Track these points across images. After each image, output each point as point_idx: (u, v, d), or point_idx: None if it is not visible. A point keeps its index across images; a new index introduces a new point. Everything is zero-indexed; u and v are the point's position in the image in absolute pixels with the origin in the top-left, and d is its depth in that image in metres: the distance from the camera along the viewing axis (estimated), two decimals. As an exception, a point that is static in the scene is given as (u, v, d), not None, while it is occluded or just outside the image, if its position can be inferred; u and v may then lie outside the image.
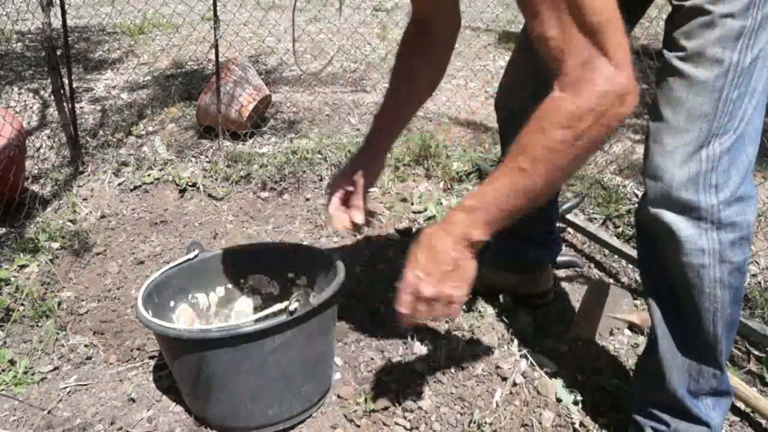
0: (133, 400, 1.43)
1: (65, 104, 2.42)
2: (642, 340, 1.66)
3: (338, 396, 1.45)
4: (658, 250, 1.10)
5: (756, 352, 1.62)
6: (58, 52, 2.38)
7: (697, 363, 1.15)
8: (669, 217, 1.04)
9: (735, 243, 1.05)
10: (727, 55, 0.98)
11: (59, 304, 1.78)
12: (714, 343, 1.13)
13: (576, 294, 1.89)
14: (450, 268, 0.98)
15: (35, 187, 2.44)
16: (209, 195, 2.44)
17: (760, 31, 0.99)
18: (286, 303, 1.23)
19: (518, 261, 1.68)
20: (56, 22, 2.34)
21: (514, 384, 1.43)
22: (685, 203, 1.02)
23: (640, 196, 1.22)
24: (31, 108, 3.19)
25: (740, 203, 1.05)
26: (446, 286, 0.99)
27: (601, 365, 1.55)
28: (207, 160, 2.68)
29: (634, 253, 1.95)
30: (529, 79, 1.31)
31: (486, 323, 1.69)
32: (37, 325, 1.69)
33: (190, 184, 2.47)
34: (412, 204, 2.38)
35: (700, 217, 1.03)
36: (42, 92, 3.36)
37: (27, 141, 2.52)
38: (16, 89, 3.42)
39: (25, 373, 1.51)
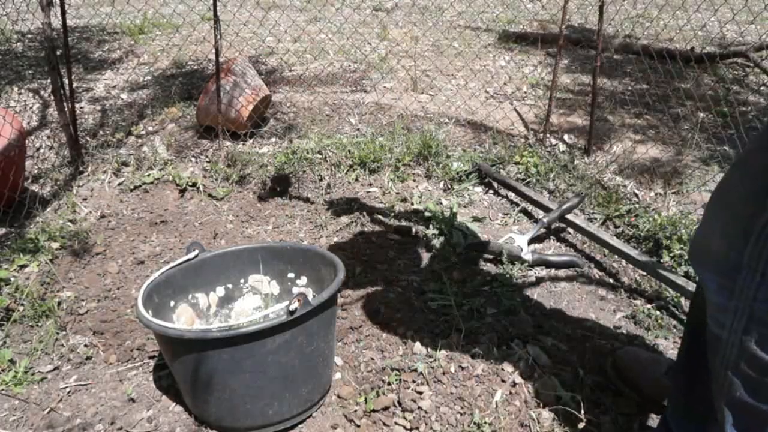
0: (133, 400, 1.44)
1: (65, 104, 2.42)
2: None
3: (338, 396, 1.46)
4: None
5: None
6: (58, 52, 2.38)
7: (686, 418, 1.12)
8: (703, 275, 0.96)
9: (764, 338, 0.90)
10: None
11: (59, 304, 1.78)
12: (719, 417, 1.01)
13: (576, 294, 1.89)
14: None
15: (35, 187, 2.44)
16: (209, 195, 2.45)
17: None
18: (286, 303, 1.24)
19: None
20: (56, 22, 2.34)
21: (514, 384, 1.43)
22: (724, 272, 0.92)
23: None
24: (31, 108, 3.19)
25: None
26: None
27: (601, 364, 1.55)
28: (207, 160, 2.68)
29: (634, 252, 1.95)
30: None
31: (486, 323, 1.69)
32: (37, 325, 1.69)
33: (190, 184, 2.47)
34: (412, 204, 2.38)
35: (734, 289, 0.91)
36: (42, 92, 3.36)
37: (27, 141, 2.52)
38: (16, 89, 3.42)
39: (25, 373, 1.51)
